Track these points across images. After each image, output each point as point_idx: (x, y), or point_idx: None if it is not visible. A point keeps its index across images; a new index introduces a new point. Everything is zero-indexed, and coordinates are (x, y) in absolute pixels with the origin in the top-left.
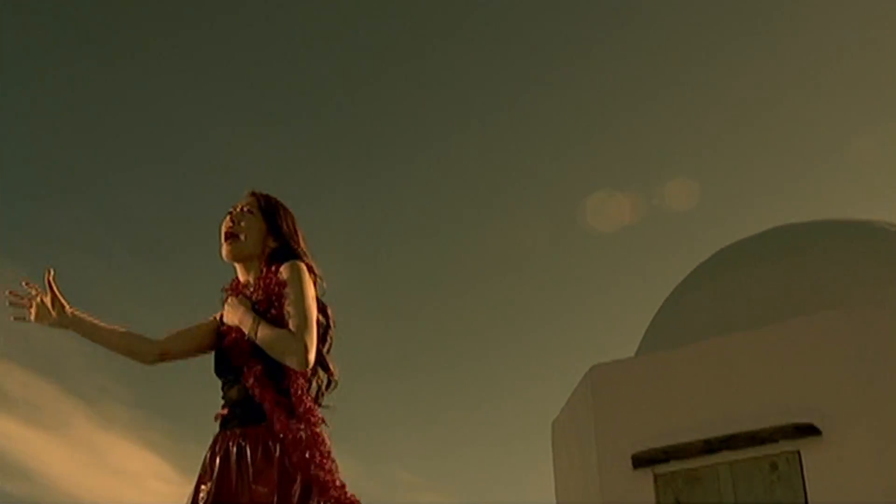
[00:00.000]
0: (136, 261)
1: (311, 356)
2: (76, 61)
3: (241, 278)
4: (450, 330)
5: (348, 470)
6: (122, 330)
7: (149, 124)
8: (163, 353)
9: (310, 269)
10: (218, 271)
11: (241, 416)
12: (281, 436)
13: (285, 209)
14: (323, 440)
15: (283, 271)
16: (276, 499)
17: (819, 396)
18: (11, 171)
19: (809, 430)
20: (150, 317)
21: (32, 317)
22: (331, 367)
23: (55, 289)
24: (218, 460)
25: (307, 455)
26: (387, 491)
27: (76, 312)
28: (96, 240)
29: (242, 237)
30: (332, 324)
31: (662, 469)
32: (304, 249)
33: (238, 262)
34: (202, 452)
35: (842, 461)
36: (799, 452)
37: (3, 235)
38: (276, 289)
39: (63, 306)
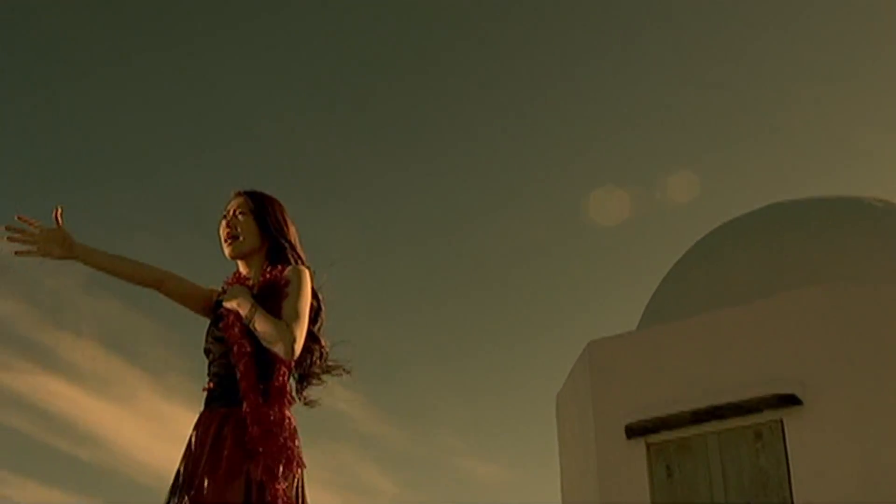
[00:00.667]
0: (196, 240)
1: (298, 348)
2: (135, 53)
3: (244, 272)
4: (487, 312)
5: (396, 435)
6: (125, 257)
7: (206, 110)
8: (159, 282)
9: (299, 259)
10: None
11: (226, 395)
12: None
13: (273, 202)
14: (290, 423)
15: (288, 273)
16: (235, 479)
17: (800, 368)
18: (80, 156)
19: (791, 400)
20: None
21: (37, 251)
22: (322, 341)
23: (62, 224)
24: (195, 440)
25: (273, 435)
26: (436, 454)
27: (83, 245)
28: (159, 221)
29: (241, 238)
30: (322, 306)
31: (654, 439)
32: (294, 240)
33: (240, 259)
34: None
35: (822, 429)
36: (782, 421)
37: (74, 218)
38: (277, 285)
39: (71, 240)
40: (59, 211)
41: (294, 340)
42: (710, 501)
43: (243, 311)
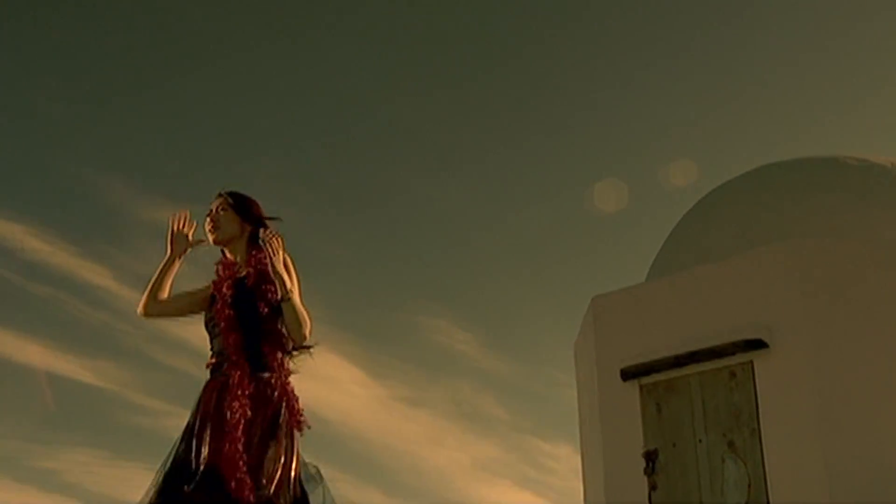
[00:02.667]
0: (323, 209)
1: (309, 333)
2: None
3: (230, 256)
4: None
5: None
6: (168, 286)
7: (329, 93)
8: (159, 313)
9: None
10: (394, 217)
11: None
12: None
13: (249, 199)
14: (281, 386)
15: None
16: (250, 417)
17: (768, 316)
18: (218, 133)
19: (759, 345)
20: (341, 256)
21: (173, 239)
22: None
23: (190, 238)
24: (203, 400)
25: (265, 397)
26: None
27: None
28: (289, 191)
29: (221, 228)
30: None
31: (645, 380)
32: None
33: (223, 245)
34: (389, 361)
35: (786, 369)
36: (752, 363)
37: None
38: (264, 269)
39: (187, 248)
40: (189, 225)
41: (307, 325)
42: (692, 433)
43: (287, 285)
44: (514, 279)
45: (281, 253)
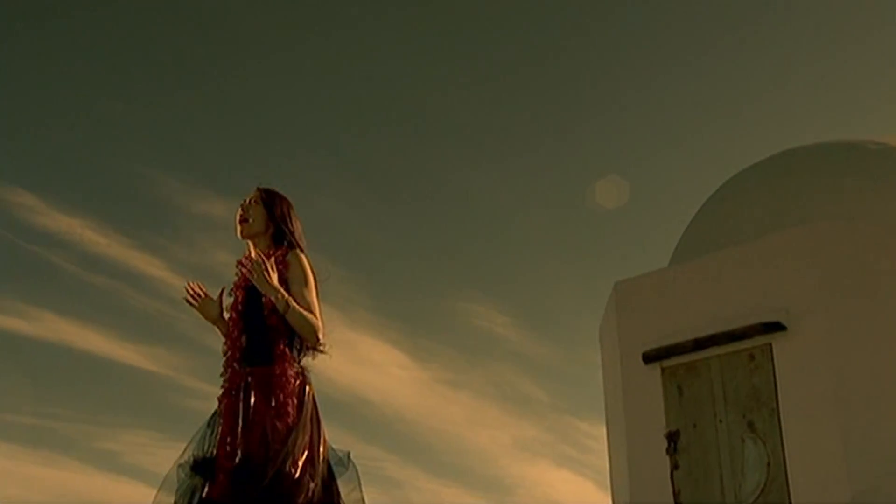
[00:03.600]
0: (373, 202)
1: (322, 336)
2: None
3: (253, 251)
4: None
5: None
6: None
7: (375, 91)
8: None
9: (298, 244)
10: (435, 209)
11: (246, 358)
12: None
13: (282, 198)
14: (293, 381)
15: (290, 257)
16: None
17: (786, 299)
18: (266, 128)
19: (777, 327)
20: (385, 246)
21: (199, 309)
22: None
23: (222, 303)
24: (228, 396)
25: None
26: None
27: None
28: (335, 183)
29: (250, 221)
30: (318, 279)
31: (667, 363)
32: (293, 228)
33: (249, 239)
34: (431, 345)
35: (804, 351)
36: (771, 345)
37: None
38: (280, 266)
39: (221, 312)
40: (222, 292)
41: (319, 329)
42: (712, 414)
43: (280, 301)
44: (550, 265)
45: (273, 275)
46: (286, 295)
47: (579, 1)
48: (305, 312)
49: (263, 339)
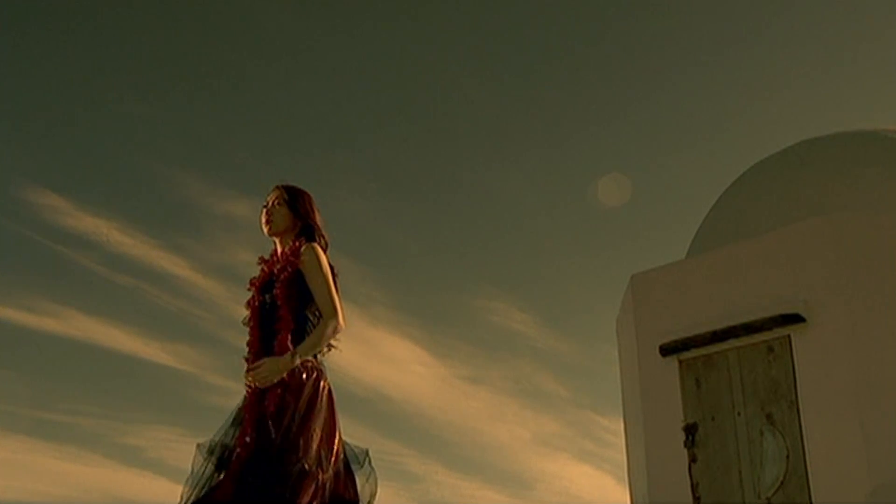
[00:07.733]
0: (392, 200)
1: (342, 321)
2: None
3: (279, 248)
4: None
5: (566, 348)
6: None
7: (394, 91)
8: None
9: (321, 238)
10: (455, 207)
11: (265, 352)
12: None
13: (303, 194)
14: (300, 380)
15: (304, 253)
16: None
17: (804, 290)
18: (288, 128)
19: (796, 319)
20: (405, 244)
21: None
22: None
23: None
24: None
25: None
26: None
27: None
28: (356, 182)
29: (275, 221)
30: (336, 273)
31: (684, 356)
32: (317, 223)
33: (276, 237)
34: (451, 342)
35: (823, 342)
36: (789, 336)
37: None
38: (293, 258)
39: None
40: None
41: (333, 328)
42: (731, 407)
43: (292, 364)
44: (567, 260)
45: (274, 377)
46: (293, 351)
47: None
48: (311, 337)
49: (275, 335)
